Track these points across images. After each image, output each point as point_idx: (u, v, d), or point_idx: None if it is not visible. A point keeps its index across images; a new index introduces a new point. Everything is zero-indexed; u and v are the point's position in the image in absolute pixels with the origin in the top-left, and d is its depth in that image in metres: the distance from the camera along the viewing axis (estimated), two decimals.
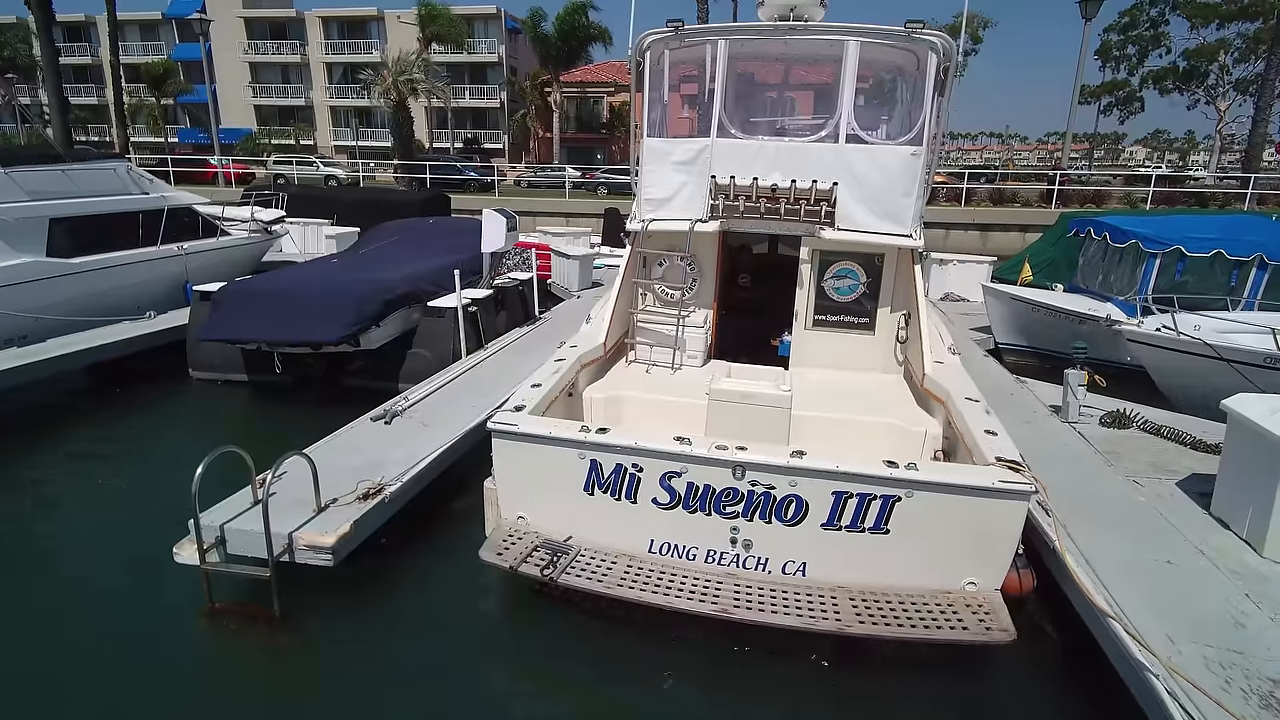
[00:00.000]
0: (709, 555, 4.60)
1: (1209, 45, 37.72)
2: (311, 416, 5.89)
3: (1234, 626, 3.88)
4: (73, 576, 5.22)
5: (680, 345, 6.94)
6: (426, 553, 5.46)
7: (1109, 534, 4.79)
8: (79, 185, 9.99)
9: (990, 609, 4.16)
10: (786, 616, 4.15)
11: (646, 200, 6.93)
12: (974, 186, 26.04)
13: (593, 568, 4.55)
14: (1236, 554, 4.65)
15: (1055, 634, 4.64)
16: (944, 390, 5.64)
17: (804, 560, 4.47)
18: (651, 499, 4.58)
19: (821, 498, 4.32)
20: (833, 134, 6.50)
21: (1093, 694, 4.08)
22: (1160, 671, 3.41)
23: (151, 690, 4.10)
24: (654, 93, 6.95)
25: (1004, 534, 4.24)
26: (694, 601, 4.28)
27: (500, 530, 4.88)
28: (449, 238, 11.40)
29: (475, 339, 9.10)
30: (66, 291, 9.29)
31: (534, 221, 20.72)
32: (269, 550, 4.51)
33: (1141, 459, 6.14)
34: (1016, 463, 4.28)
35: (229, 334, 8.10)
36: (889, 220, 6.50)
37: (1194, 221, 10.25)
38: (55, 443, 7.46)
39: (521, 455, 4.78)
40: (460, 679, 4.31)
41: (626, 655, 4.46)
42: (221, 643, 4.58)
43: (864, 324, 7.03)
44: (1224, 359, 6.96)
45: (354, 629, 4.67)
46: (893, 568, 4.38)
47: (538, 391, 5.29)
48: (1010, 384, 8.27)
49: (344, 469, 5.42)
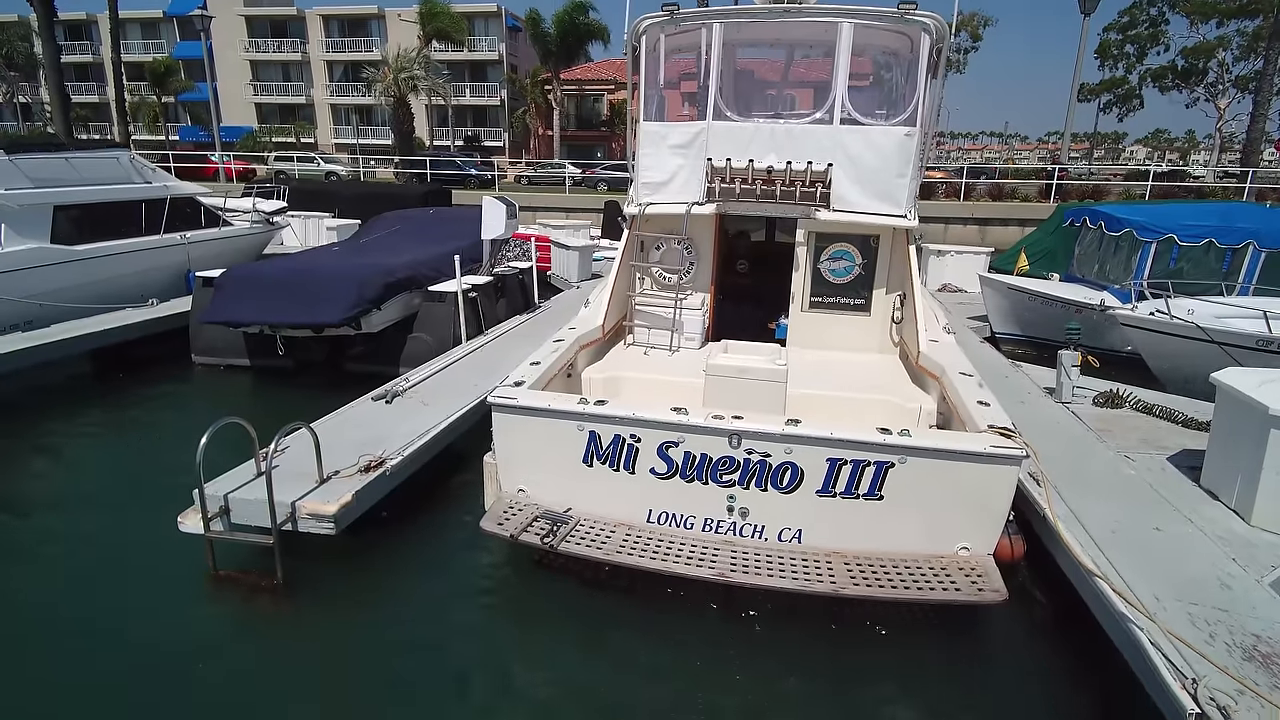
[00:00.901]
0: (706, 524, 4.68)
1: (1208, 43, 37.76)
2: (313, 400, 5.96)
3: (1220, 587, 3.95)
4: (77, 549, 5.30)
5: (678, 328, 7.01)
6: (428, 526, 5.54)
7: (1099, 503, 4.85)
8: (82, 173, 10.08)
9: (983, 571, 4.24)
10: (783, 579, 4.23)
11: (643, 184, 7.00)
12: (973, 182, 26.09)
13: (592, 536, 4.63)
14: (1225, 522, 4.73)
15: (1045, 599, 4.71)
16: (938, 366, 5.71)
17: (799, 527, 4.55)
18: (649, 469, 4.66)
19: (816, 465, 4.39)
20: (827, 115, 6.58)
21: (1081, 654, 4.16)
22: (1145, 625, 3.48)
23: (155, 654, 4.16)
24: (650, 77, 7.02)
25: (996, 499, 4.32)
26: (692, 566, 4.36)
27: (500, 502, 4.96)
28: (449, 226, 11.49)
29: (475, 325, 9.18)
30: (70, 279, 9.38)
31: (534, 216, 20.80)
32: (272, 518, 4.59)
33: (1133, 436, 6.21)
34: (1008, 429, 4.36)
35: (231, 316, 8.18)
36: (884, 201, 6.57)
37: (1187, 210, 10.33)
38: (60, 423, 7.56)
39: (521, 428, 4.86)
40: (461, 645, 4.38)
41: (626, 624, 4.53)
42: (225, 609, 4.65)
43: (860, 305, 7.11)
44: (1216, 341, 7.03)
45: (356, 597, 4.75)
46: (887, 534, 4.45)
47: (537, 369, 5.37)
48: (1005, 367, 8.34)
49: (346, 444, 5.49)
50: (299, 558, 4.80)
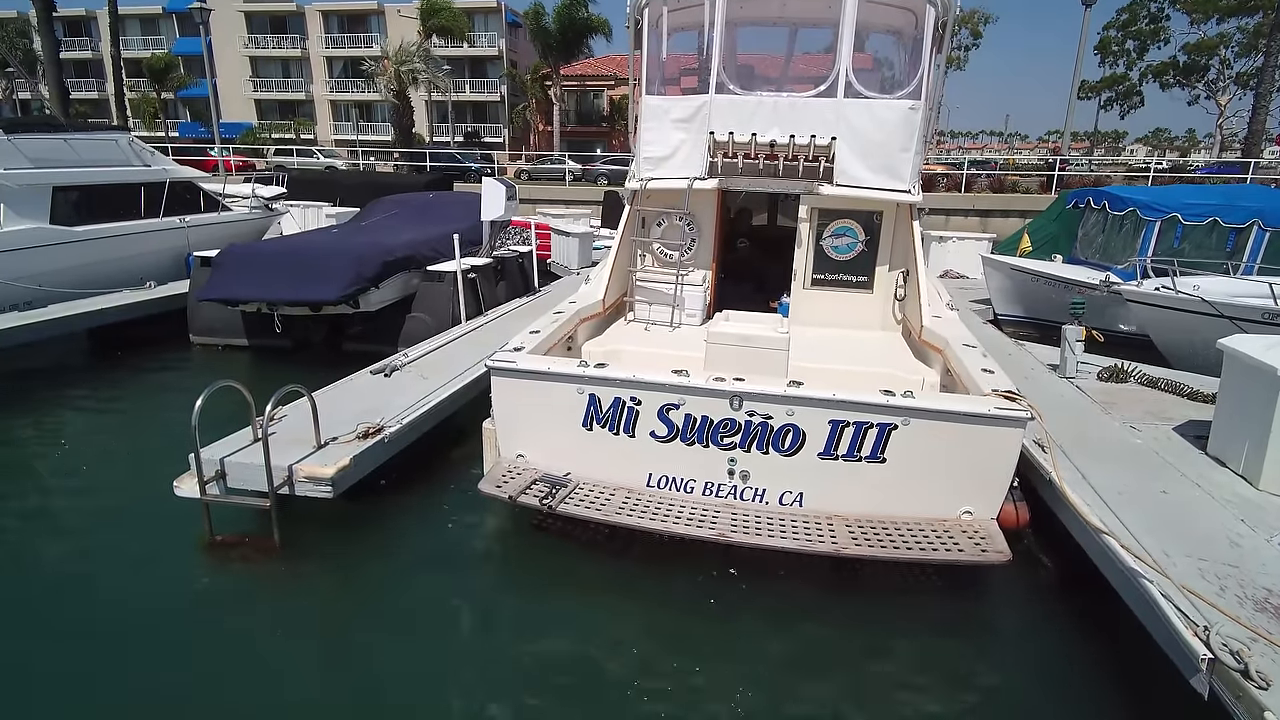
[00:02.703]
0: (707, 487, 4.62)
1: (1208, 40, 37.70)
2: (311, 378, 5.87)
3: (1229, 545, 3.90)
4: (74, 518, 5.26)
5: (679, 304, 6.95)
6: (426, 494, 5.49)
7: (1105, 469, 4.80)
8: (81, 155, 10.01)
9: (986, 534, 4.19)
10: (784, 539, 4.18)
11: (645, 159, 6.93)
12: (975, 174, 26.02)
13: (591, 498, 4.58)
14: (1232, 487, 4.68)
15: (1052, 565, 4.66)
16: (941, 339, 5.66)
17: (801, 490, 4.49)
18: (650, 432, 4.60)
19: (819, 427, 4.34)
20: (831, 89, 6.52)
21: (1087, 610, 4.12)
22: (1155, 578, 3.43)
23: (152, 617, 4.12)
24: (652, 53, 6.96)
25: (1000, 462, 4.27)
26: (692, 527, 4.30)
27: (499, 466, 4.90)
28: (449, 209, 11.46)
29: (475, 305, 9.12)
30: (69, 260, 9.31)
31: (534, 208, 20.73)
32: (269, 482, 4.54)
33: (1138, 409, 6.16)
34: (1013, 392, 4.31)
35: (229, 293, 8.13)
36: (888, 175, 6.51)
37: (1191, 190, 10.29)
38: (58, 397, 7.54)
39: (520, 392, 4.81)
40: (457, 608, 4.33)
41: (625, 586, 4.48)
42: (223, 572, 4.60)
43: (863, 283, 7.05)
44: (1223, 315, 6.98)
45: (354, 560, 4.70)
46: (889, 497, 4.40)
47: (536, 337, 5.32)
48: (1008, 345, 8.29)
49: (344, 413, 5.45)
50: (297, 522, 4.75)
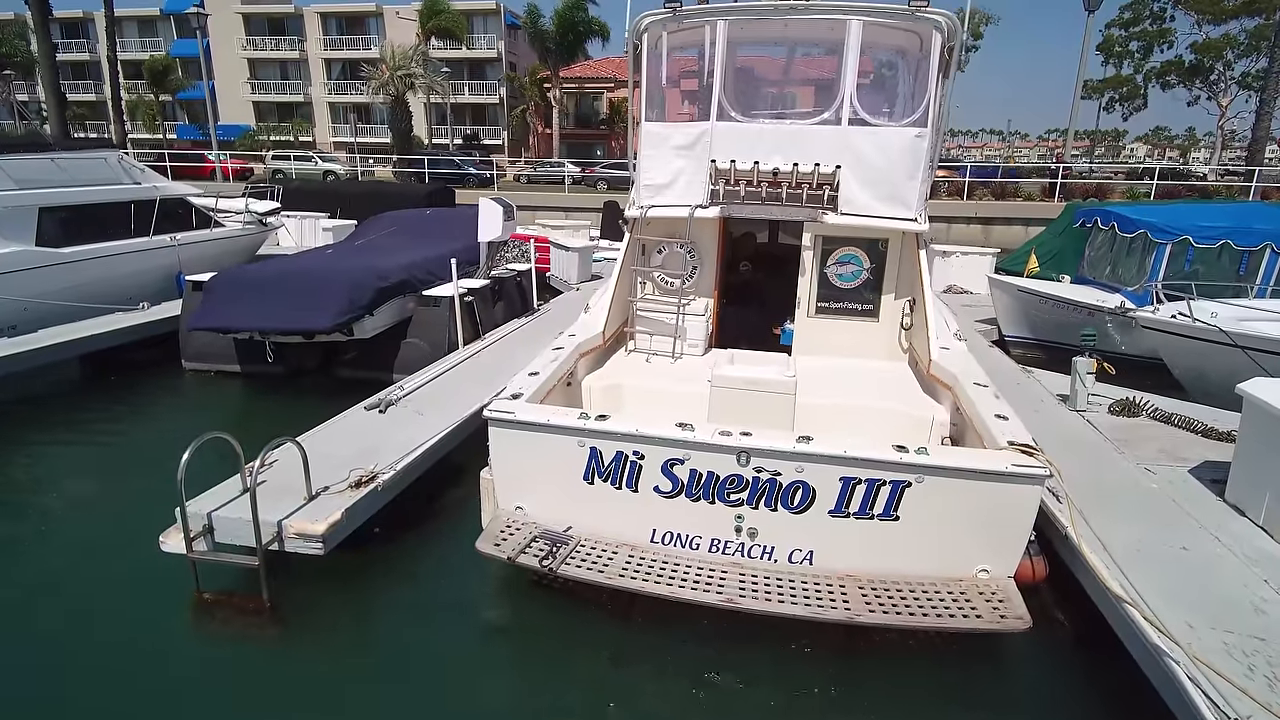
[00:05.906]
0: (713, 544, 4.46)
1: (1214, 40, 37.51)
2: (305, 407, 5.79)
3: (1254, 612, 3.75)
4: (60, 565, 5.10)
5: (680, 334, 6.80)
6: (421, 543, 5.33)
7: (1121, 521, 4.65)
8: (69, 174, 9.84)
9: (1004, 596, 4.03)
10: (794, 606, 4.02)
11: (645, 186, 6.77)
12: (976, 180, 25.86)
13: (593, 558, 4.41)
14: (1253, 540, 4.52)
15: (1068, 623, 4.51)
16: (951, 375, 5.50)
17: (811, 548, 4.33)
18: (653, 487, 4.44)
19: (829, 484, 4.18)
20: (835, 116, 6.35)
21: (1108, 682, 3.96)
22: (1181, 658, 3.28)
23: (136, 684, 3.96)
24: (652, 76, 6.80)
25: (1017, 520, 4.11)
26: (698, 591, 4.15)
27: (498, 521, 4.74)
28: (446, 227, 11.28)
29: (472, 330, 8.96)
30: (56, 282, 9.14)
31: (533, 216, 20.58)
32: (257, 538, 4.38)
33: (1151, 446, 6.01)
34: (1030, 446, 4.15)
35: (220, 322, 7.95)
36: (893, 204, 6.36)
37: (1202, 211, 10.10)
38: (46, 432, 7.35)
39: (519, 444, 4.64)
40: (455, 669, 4.19)
41: (628, 646, 4.33)
42: (211, 632, 4.45)
43: (868, 311, 6.89)
44: (1242, 346, 6.81)
45: (347, 618, 4.55)
46: (902, 555, 4.24)
47: (535, 379, 5.15)
48: (1016, 373, 8.14)
49: (336, 457, 5.28)
50: (287, 576, 4.59)
